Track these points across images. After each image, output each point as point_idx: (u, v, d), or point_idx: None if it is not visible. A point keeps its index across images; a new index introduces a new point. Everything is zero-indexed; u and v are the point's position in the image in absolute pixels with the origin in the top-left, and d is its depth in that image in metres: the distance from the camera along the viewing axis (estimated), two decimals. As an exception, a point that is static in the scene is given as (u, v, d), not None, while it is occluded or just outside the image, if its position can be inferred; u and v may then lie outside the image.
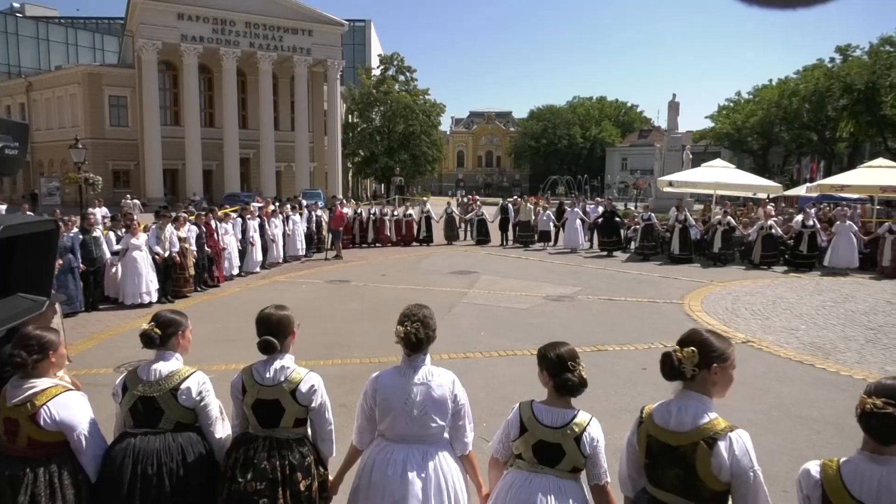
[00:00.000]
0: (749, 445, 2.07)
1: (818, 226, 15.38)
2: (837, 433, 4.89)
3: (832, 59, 49.03)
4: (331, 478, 2.82)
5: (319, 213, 18.46)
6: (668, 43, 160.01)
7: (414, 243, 19.92)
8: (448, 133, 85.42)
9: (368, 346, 7.44)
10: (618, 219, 18.12)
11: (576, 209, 18.70)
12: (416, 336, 2.55)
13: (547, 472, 2.40)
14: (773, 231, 15.46)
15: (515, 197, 24.97)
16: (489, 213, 20.89)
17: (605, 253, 17.45)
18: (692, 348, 2.13)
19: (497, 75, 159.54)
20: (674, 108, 27.64)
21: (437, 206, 23.41)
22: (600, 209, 19.17)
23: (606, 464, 2.44)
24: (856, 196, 20.22)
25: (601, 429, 2.48)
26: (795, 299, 11.08)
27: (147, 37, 39.13)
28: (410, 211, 20.96)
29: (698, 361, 2.13)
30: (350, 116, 54.84)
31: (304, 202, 20.23)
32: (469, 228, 21.24)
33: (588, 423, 2.42)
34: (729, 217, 16.23)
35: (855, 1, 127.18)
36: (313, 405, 2.67)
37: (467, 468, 2.71)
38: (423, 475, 2.52)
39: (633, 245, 18.00)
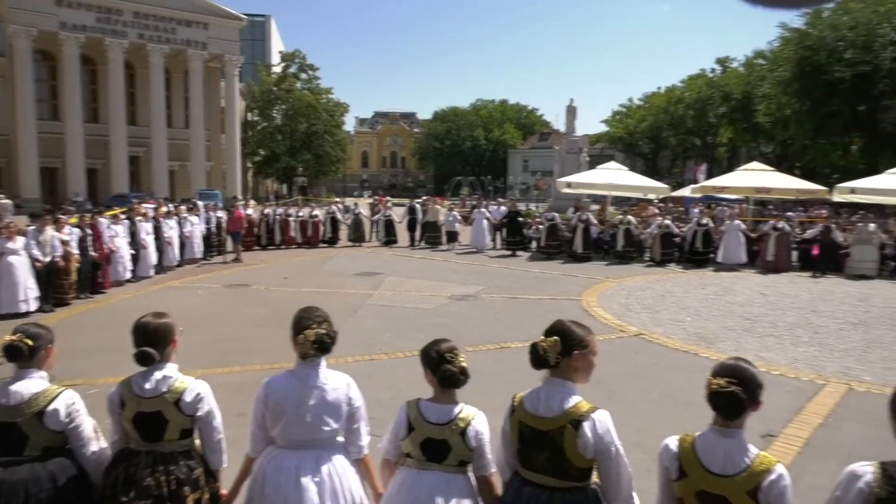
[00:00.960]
0: (610, 424, 2.24)
1: (711, 224, 16.52)
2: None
3: (713, 70, 52.85)
4: (225, 491, 2.69)
5: (219, 214, 17.68)
6: (567, 49, 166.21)
7: (321, 245, 19.56)
8: (352, 133, 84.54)
9: (269, 352, 7.20)
10: (521, 219, 18.62)
11: (482, 209, 19.02)
12: (330, 337, 2.52)
13: (435, 468, 2.43)
14: (671, 229, 16.46)
15: (424, 198, 25.10)
16: (397, 214, 20.83)
17: (509, 252, 17.88)
18: (555, 337, 2.27)
19: (402, 76, 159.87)
20: (571, 112, 28.68)
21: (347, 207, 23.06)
22: (503, 209, 19.61)
23: (493, 455, 2.49)
24: (734, 196, 21.84)
25: (487, 421, 2.52)
26: (682, 293, 11.82)
27: (20, 23, 36.04)
28: (316, 212, 20.54)
29: (561, 349, 2.26)
30: (249, 114, 53.01)
31: (201, 203, 19.33)
32: (376, 229, 21.07)
33: (473, 418, 2.46)
34: (630, 217, 17.10)
35: (733, 17, 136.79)
36: (199, 414, 2.54)
37: (364, 471, 2.67)
38: (317, 480, 2.46)
39: (533, 244, 18.56)
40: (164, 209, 15.50)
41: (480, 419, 2.48)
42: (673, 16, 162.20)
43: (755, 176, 18.52)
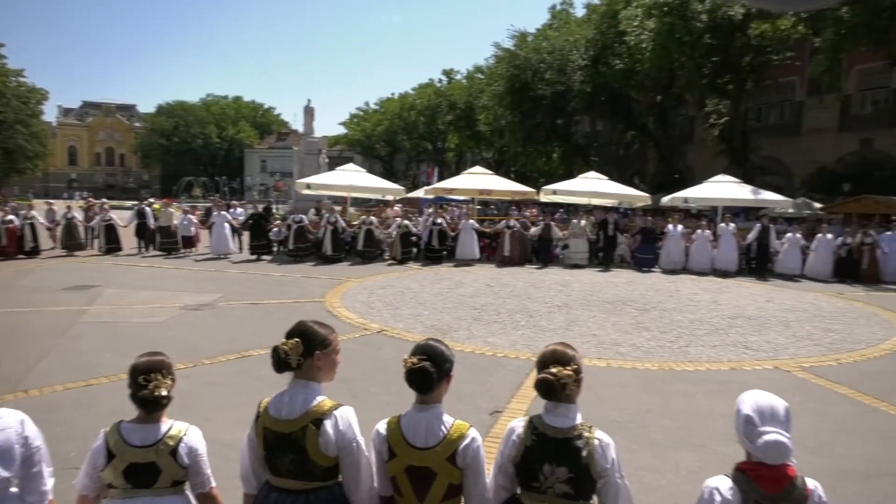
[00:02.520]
0: (352, 420, 2.28)
1: (445, 224, 17.78)
2: (456, 400, 5.68)
3: (441, 80, 57.07)
4: None
5: None
6: (303, 49, 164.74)
7: (19, 256, 16.43)
8: (54, 125, 73.07)
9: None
10: (265, 222, 17.91)
11: (223, 213, 17.83)
12: None
13: (143, 494, 2.23)
14: (410, 229, 17.31)
15: (151, 199, 22.68)
16: (121, 218, 18.42)
17: (254, 257, 17.10)
18: (296, 339, 2.26)
19: (117, 64, 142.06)
20: (309, 113, 28.59)
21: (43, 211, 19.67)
22: (240, 211, 18.71)
23: (210, 469, 2.38)
24: (462, 197, 23.89)
25: (202, 436, 2.39)
26: (419, 289, 12.54)
27: None
28: (11, 217, 17.02)
29: (303, 351, 2.26)
30: None
31: None
32: (92, 236, 18.38)
33: (184, 434, 2.32)
34: (372, 217, 17.56)
35: (457, 31, 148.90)
36: None
37: None
38: None
39: (276, 247, 18.05)
40: None
41: (193, 434, 2.34)
42: (404, 27, 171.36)
43: (478, 179, 20.54)
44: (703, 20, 23.04)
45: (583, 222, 17.71)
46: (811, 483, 1.96)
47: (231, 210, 18.93)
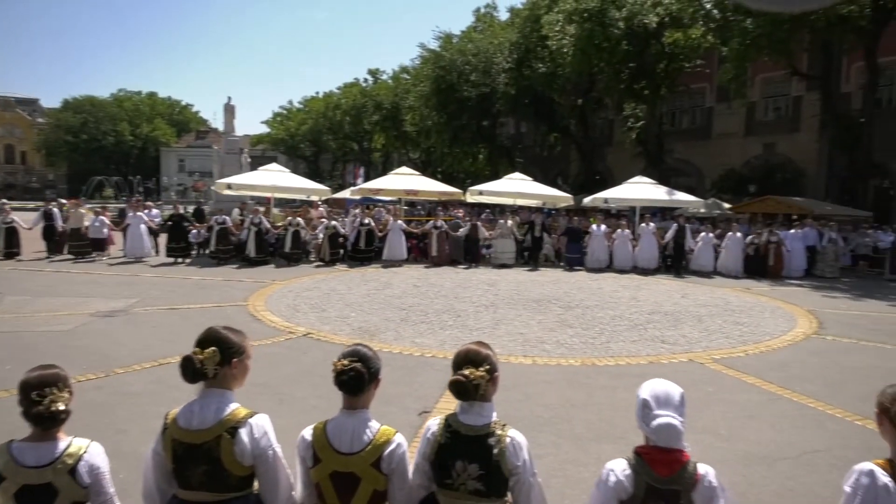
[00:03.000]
0: (268, 428, 2.24)
1: (374, 224, 17.64)
2: (384, 402, 5.65)
3: (366, 80, 56.68)
4: None
5: None
6: (223, 45, 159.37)
7: None
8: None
9: None
10: (186, 223, 17.16)
11: (139, 213, 16.93)
12: None
13: None
14: (337, 230, 17.07)
15: (62, 200, 21.28)
16: (25, 221, 17.15)
17: (172, 260, 16.37)
18: (213, 348, 2.20)
19: (17, 55, 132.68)
20: (230, 111, 27.72)
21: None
22: (156, 212, 17.88)
23: (114, 488, 2.22)
24: (389, 198, 23.78)
25: (103, 451, 2.23)
26: (346, 290, 12.39)
27: None
28: None
29: (220, 359, 2.20)
30: None
31: None
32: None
33: (84, 451, 2.15)
34: (299, 218, 17.16)
35: (382, 31, 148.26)
36: None
37: None
38: None
39: (196, 250, 17.38)
40: None
41: (94, 451, 2.18)
42: (328, 24, 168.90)
43: (405, 179, 20.51)
44: (621, 27, 23.93)
45: (509, 223, 18.00)
46: (702, 468, 2.05)
47: (146, 211, 18.03)
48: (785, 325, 10.11)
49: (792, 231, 17.63)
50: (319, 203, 22.53)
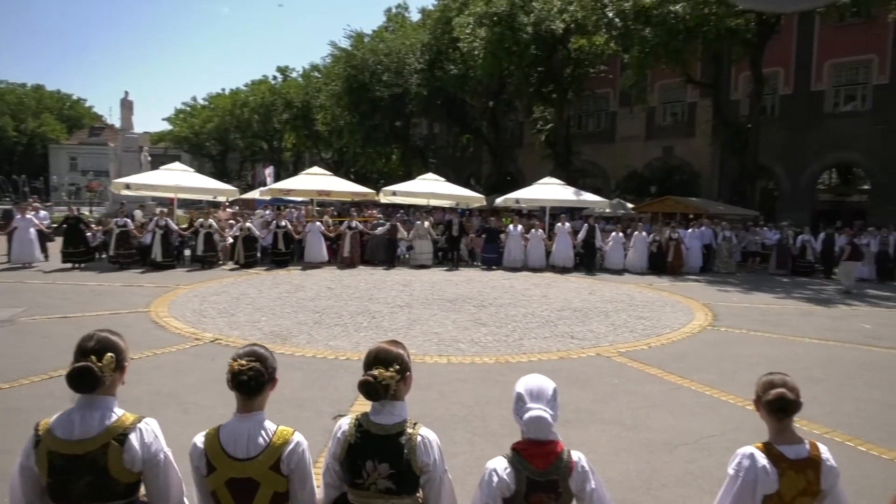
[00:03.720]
0: (157, 432, 2.18)
1: (289, 226, 17.21)
2: (297, 407, 5.52)
3: (275, 77, 55.24)
4: None
5: None
6: (118, 36, 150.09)
7: None
8: None
9: None
10: (82, 226, 15.98)
11: (28, 216, 15.59)
12: None
13: None
14: (252, 232, 16.50)
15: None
16: None
17: (70, 265, 15.20)
18: (111, 354, 2.13)
19: None
20: (127, 106, 26.20)
21: None
22: (44, 214, 16.59)
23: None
24: (300, 199, 23.27)
25: None
26: (257, 294, 12.01)
27: None
28: None
29: (115, 365, 2.14)
30: None
31: None
32: None
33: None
34: (211, 220, 16.41)
35: (292, 28, 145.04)
36: None
37: None
38: None
39: (95, 255, 16.31)
40: None
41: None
42: (232, 20, 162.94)
43: (317, 180, 20.12)
44: (529, 32, 24.59)
45: (426, 223, 18.08)
46: (575, 455, 2.17)
47: (34, 213, 16.66)
48: (683, 318, 10.71)
49: (690, 230, 18.81)
50: (227, 204, 21.74)
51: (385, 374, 2.20)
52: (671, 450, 4.89)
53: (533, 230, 18.17)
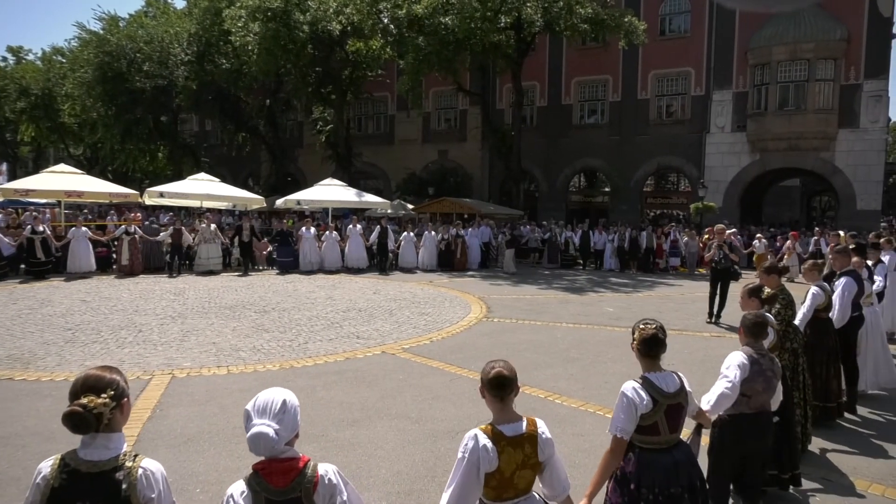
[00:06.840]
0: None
1: (48, 232, 14.97)
2: (44, 440, 4.76)
3: (5, 59, 47.27)
4: None
5: None
6: None
7: None
8: None
9: None
10: None
11: None
12: None
13: None
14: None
15: None
16: None
17: None
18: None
19: None
20: None
21: None
22: None
23: None
24: (44, 200, 20.21)
25: None
26: (-12, 313, 10.16)
27: None
28: None
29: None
30: None
31: None
32: None
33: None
34: None
35: (24, 3, 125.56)
36: None
37: None
38: None
39: None
40: None
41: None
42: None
43: (65, 179, 17.57)
44: (306, 31, 24.19)
45: (213, 226, 16.84)
46: (322, 468, 2.07)
47: None
48: (462, 311, 11.39)
49: (471, 229, 20.30)
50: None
51: (97, 401, 1.94)
52: (452, 437, 5.14)
53: (327, 232, 18.04)
